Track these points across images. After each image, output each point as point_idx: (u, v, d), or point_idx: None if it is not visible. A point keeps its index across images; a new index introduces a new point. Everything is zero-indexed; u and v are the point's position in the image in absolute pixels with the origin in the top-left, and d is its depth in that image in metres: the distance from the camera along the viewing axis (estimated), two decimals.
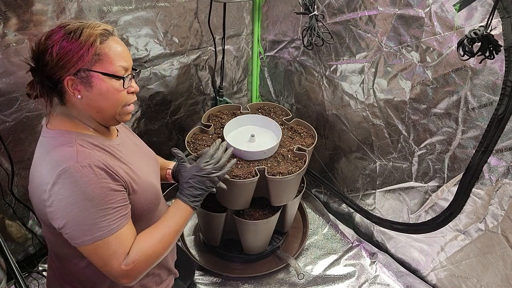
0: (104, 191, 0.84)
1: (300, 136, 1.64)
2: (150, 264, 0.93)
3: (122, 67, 0.90)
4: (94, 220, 0.83)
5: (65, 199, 0.81)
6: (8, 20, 1.23)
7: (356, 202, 1.89)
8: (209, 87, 2.07)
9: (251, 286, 1.71)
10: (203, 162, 1.09)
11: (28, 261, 1.70)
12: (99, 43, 0.86)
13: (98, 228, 0.83)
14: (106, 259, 0.86)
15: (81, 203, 0.81)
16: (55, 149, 0.87)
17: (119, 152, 0.97)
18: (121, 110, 0.94)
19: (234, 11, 1.92)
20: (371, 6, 1.42)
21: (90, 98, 0.89)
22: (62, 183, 0.81)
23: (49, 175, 0.82)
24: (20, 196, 1.52)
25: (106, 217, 0.84)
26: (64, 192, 0.81)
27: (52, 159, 0.85)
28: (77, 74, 0.85)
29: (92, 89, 0.88)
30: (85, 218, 0.82)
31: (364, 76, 1.58)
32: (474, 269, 1.44)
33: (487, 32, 1.00)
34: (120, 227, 0.87)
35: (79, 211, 0.82)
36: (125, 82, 0.91)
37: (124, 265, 0.87)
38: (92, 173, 0.83)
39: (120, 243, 0.87)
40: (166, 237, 0.96)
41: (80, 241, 0.84)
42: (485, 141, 1.22)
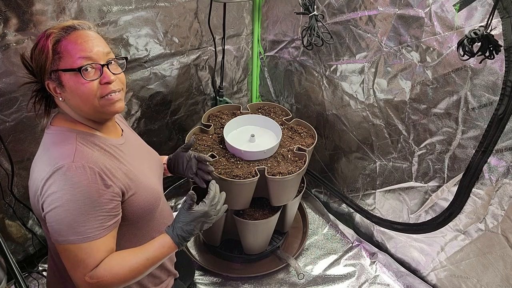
0: (92, 196, 0.83)
1: (300, 136, 1.64)
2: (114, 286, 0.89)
3: (82, 58, 0.85)
4: (72, 223, 0.82)
5: (52, 195, 0.81)
6: (8, 20, 1.23)
7: (356, 202, 1.89)
8: (209, 87, 2.07)
9: (251, 286, 1.71)
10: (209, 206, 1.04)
11: (28, 261, 1.70)
12: (58, 40, 0.85)
13: (73, 232, 0.82)
14: (73, 264, 0.85)
15: (65, 204, 0.81)
16: (55, 146, 0.87)
17: (121, 153, 0.96)
18: (100, 102, 0.89)
19: (234, 11, 1.92)
20: (371, 6, 1.42)
21: (67, 98, 0.88)
22: (53, 179, 0.81)
23: (45, 170, 0.83)
24: (20, 196, 1.52)
25: (86, 224, 0.83)
26: (53, 188, 0.81)
27: (51, 156, 0.85)
28: (50, 77, 0.87)
29: (65, 89, 0.87)
30: (65, 218, 0.82)
31: (364, 76, 1.58)
32: (474, 269, 1.44)
33: (487, 32, 1.00)
34: (96, 237, 0.84)
35: (62, 210, 0.81)
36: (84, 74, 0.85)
37: (88, 277, 0.85)
38: (84, 175, 0.82)
39: (90, 254, 0.85)
40: (141, 267, 0.92)
41: (54, 238, 0.84)
42: (485, 141, 1.22)
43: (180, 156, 1.29)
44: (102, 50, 0.89)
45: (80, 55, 0.85)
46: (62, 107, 0.93)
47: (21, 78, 1.32)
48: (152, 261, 0.94)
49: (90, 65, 0.86)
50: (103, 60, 0.88)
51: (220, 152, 1.52)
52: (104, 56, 0.89)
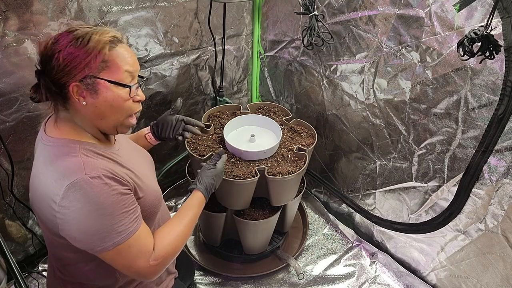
0: (117, 199, 0.84)
1: (300, 136, 1.64)
2: (175, 255, 0.98)
3: (128, 73, 0.88)
4: (111, 227, 0.83)
5: (78, 211, 0.80)
6: (8, 20, 1.23)
7: (356, 202, 1.89)
8: (209, 87, 2.07)
9: (251, 286, 1.71)
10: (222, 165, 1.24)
11: (28, 261, 1.70)
12: (108, 50, 0.85)
13: (117, 233, 0.84)
14: (131, 260, 0.87)
15: (95, 213, 0.81)
16: (59, 159, 0.85)
17: (121, 158, 0.96)
18: (124, 120, 0.93)
19: (234, 11, 1.92)
20: (371, 6, 1.42)
21: (95, 105, 0.87)
22: (73, 196, 0.80)
23: (56, 187, 0.81)
24: (20, 196, 1.52)
25: (123, 222, 0.85)
26: (76, 205, 0.80)
27: (58, 170, 0.83)
28: (83, 80, 0.84)
29: (98, 96, 0.86)
30: (102, 226, 0.82)
31: (364, 76, 1.58)
32: (474, 269, 1.44)
33: (487, 32, 1.00)
34: (137, 228, 0.88)
35: (95, 221, 0.81)
36: (132, 91, 0.89)
37: (152, 261, 0.90)
38: (103, 183, 0.83)
39: (142, 242, 0.89)
40: (188, 228, 1.02)
41: (101, 248, 0.83)
42: (485, 141, 1.22)
43: (167, 119, 1.34)
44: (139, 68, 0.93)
45: (126, 69, 0.88)
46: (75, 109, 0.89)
47: (21, 78, 1.33)
48: (194, 220, 1.06)
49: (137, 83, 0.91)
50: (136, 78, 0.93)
51: None
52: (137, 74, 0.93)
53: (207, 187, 1.14)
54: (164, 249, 0.93)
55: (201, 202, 1.11)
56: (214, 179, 1.18)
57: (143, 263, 0.89)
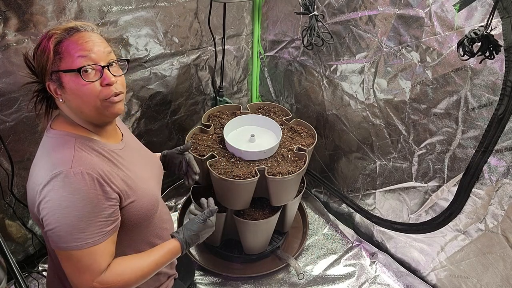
0: (91, 202, 0.83)
1: (300, 136, 1.64)
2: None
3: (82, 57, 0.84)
4: (72, 229, 0.81)
5: (52, 201, 0.81)
6: (8, 20, 1.23)
7: (356, 202, 1.89)
8: (209, 87, 2.07)
9: (251, 286, 1.71)
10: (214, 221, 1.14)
11: (28, 261, 1.70)
12: (60, 41, 0.84)
13: (74, 239, 0.82)
14: (78, 271, 0.85)
15: (65, 210, 0.81)
16: (53, 150, 0.87)
17: (120, 158, 0.96)
18: (102, 104, 0.88)
19: (234, 11, 1.92)
20: (371, 6, 1.42)
21: (68, 99, 0.87)
22: (52, 185, 0.81)
23: (42, 175, 0.83)
24: (20, 196, 1.52)
25: (85, 230, 0.82)
26: (52, 195, 0.81)
27: (49, 161, 0.85)
28: (51, 78, 0.86)
29: (65, 90, 0.86)
30: (65, 225, 0.81)
31: (364, 76, 1.58)
32: (474, 269, 1.44)
33: (487, 32, 1.00)
34: (96, 242, 0.84)
35: (61, 217, 0.81)
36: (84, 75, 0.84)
37: (97, 283, 0.85)
38: (83, 181, 0.82)
39: (94, 259, 0.85)
40: (150, 271, 0.95)
41: (55, 245, 0.83)
42: (485, 141, 1.22)
43: (174, 156, 1.31)
44: (102, 50, 0.87)
45: (79, 54, 0.84)
46: (62, 108, 0.92)
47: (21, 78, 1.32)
48: (160, 265, 0.98)
49: (91, 66, 0.85)
50: (104, 61, 0.87)
51: (220, 152, 1.52)
52: (105, 56, 0.88)
53: (187, 241, 1.04)
54: (114, 277, 0.88)
55: (175, 251, 1.02)
56: (199, 236, 1.08)
57: (87, 280, 0.85)
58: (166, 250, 1.00)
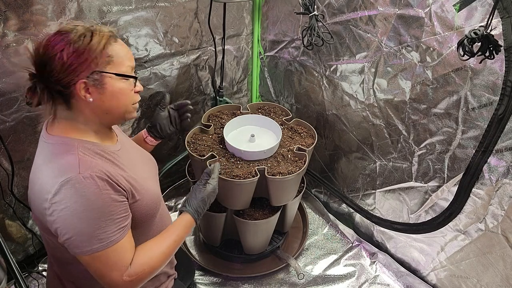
0: (106, 203, 0.84)
1: (300, 136, 1.64)
2: (152, 275, 0.96)
3: (130, 67, 0.93)
4: (94, 232, 0.83)
5: (66, 209, 0.81)
6: (8, 20, 1.23)
7: (356, 202, 1.89)
8: (209, 87, 2.07)
9: (251, 286, 1.71)
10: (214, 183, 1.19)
11: (28, 261, 1.70)
12: (109, 44, 0.88)
13: (98, 240, 0.83)
14: (105, 270, 0.86)
15: (82, 214, 0.81)
16: (57, 157, 0.86)
17: (120, 159, 0.96)
18: (129, 108, 0.97)
19: (234, 11, 1.92)
20: (371, 6, 1.42)
21: (102, 100, 0.89)
22: (64, 193, 0.80)
23: (50, 184, 0.82)
24: (20, 196, 1.52)
25: (106, 229, 0.84)
26: (65, 203, 0.81)
27: (54, 167, 0.84)
28: (89, 77, 0.85)
29: (104, 91, 0.88)
30: (85, 229, 0.82)
31: (364, 76, 1.58)
32: (474, 269, 1.44)
33: (487, 32, 1.00)
34: (119, 239, 0.87)
35: (79, 222, 0.81)
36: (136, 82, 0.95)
37: (126, 276, 0.88)
38: (95, 185, 0.83)
39: (120, 255, 0.87)
40: (170, 249, 1.00)
41: (79, 251, 0.84)
42: (485, 141, 1.22)
43: (160, 116, 1.31)
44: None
45: (128, 64, 0.92)
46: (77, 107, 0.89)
47: (21, 78, 1.33)
48: (179, 242, 1.03)
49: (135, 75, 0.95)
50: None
51: (220, 152, 1.52)
52: None
53: (197, 209, 1.11)
54: (141, 266, 0.91)
55: (189, 224, 1.08)
56: (204, 200, 1.14)
57: (116, 276, 0.87)
58: (181, 226, 1.06)
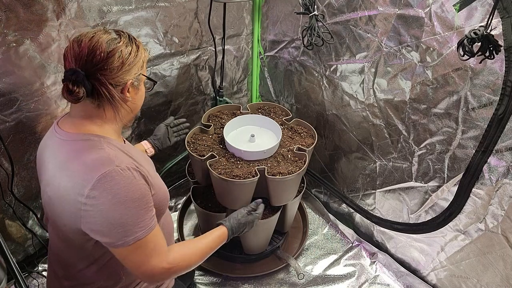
0: (143, 192, 0.87)
1: (300, 136, 1.64)
2: (185, 270, 0.98)
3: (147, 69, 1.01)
4: (135, 220, 0.85)
5: (107, 202, 0.81)
6: (8, 20, 1.23)
7: (356, 202, 1.89)
8: (209, 87, 2.07)
9: (251, 286, 1.71)
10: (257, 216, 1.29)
11: (28, 261, 1.70)
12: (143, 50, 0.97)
13: (139, 228, 0.85)
14: (145, 258, 0.89)
15: (123, 205, 0.83)
16: (84, 153, 0.86)
17: (132, 155, 0.97)
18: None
19: (234, 11, 1.92)
20: (371, 6, 1.42)
21: (135, 100, 0.96)
22: (103, 186, 0.81)
23: (85, 179, 0.82)
24: (20, 196, 1.52)
25: (145, 217, 0.87)
26: (106, 195, 0.81)
27: (86, 163, 0.84)
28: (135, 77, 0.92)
29: (138, 91, 0.97)
30: (128, 219, 0.84)
31: (364, 76, 1.58)
32: (474, 269, 1.44)
33: (487, 32, 1.00)
34: (154, 225, 0.90)
35: (122, 213, 0.83)
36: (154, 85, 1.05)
37: (165, 263, 0.91)
38: (132, 176, 0.85)
39: (157, 241, 0.91)
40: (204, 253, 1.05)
41: (121, 242, 0.84)
42: (485, 141, 1.22)
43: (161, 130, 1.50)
44: None
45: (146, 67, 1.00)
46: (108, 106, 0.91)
47: (21, 78, 1.33)
48: (211, 249, 1.08)
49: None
50: None
51: (220, 152, 1.52)
52: None
53: (233, 229, 1.17)
54: (180, 257, 0.96)
55: (223, 237, 1.13)
56: (244, 226, 1.22)
57: (157, 262, 0.90)
58: (216, 235, 1.11)
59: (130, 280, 1.04)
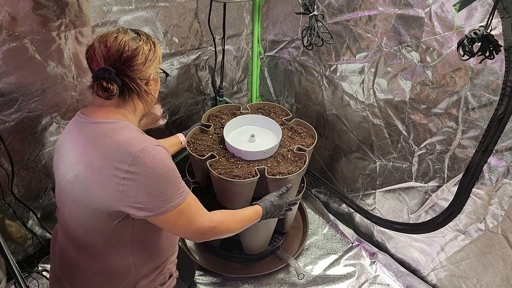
0: (173, 165, 0.96)
1: (300, 136, 1.64)
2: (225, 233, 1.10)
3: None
4: (174, 189, 0.94)
5: (148, 174, 0.89)
6: (8, 20, 1.23)
7: (356, 202, 1.89)
8: (209, 87, 2.07)
9: (251, 286, 1.71)
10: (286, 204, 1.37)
11: (28, 261, 1.70)
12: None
13: (178, 194, 0.95)
14: (191, 218, 0.99)
15: (162, 176, 0.91)
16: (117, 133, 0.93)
17: None
18: None
19: (234, 11, 1.92)
20: (371, 6, 1.42)
21: (154, 91, 1.07)
22: (143, 160, 0.89)
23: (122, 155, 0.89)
24: (20, 196, 1.52)
25: (180, 184, 0.96)
26: (147, 168, 0.89)
27: (120, 141, 0.91)
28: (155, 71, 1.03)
29: (157, 84, 1.08)
30: (167, 188, 0.92)
31: (364, 76, 1.58)
32: (474, 269, 1.44)
33: (487, 32, 1.00)
34: (189, 192, 0.99)
35: (162, 183, 0.91)
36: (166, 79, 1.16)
37: (210, 221, 1.03)
38: (163, 150, 0.95)
39: (196, 203, 1.02)
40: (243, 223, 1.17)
41: (165, 209, 0.92)
42: (485, 141, 1.22)
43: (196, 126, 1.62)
44: None
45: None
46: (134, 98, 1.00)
47: (21, 78, 1.33)
48: (248, 220, 1.20)
49: None
50: None
51: (220, 152, 1.52)
52: None
53: (267, 209, 1.27)
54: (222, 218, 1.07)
55: (257, 215, 1.23)
56: (275, 208, 1.30)
57: (202, 221, 1.01)
58: (253, 210, 1.23)
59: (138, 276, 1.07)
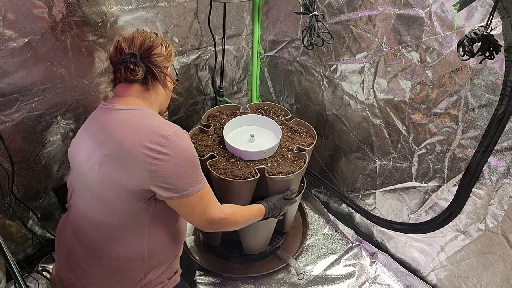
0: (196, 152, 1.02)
1: (300, 136, 1.64)
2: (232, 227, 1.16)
3: None
4: (197, 174, 1.00)
5: (178, 157, 0.95)
6: (8, 20, 1.23)
7: (356, 202, 1.89)
8: (209, 87, 2.07)
9: (251, 286, 1.71)
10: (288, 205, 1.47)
11: (28, 261, 1.70)
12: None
13: (199, 180, 1.01)
14: (206, 206, 1.05)
15: (189, 160, 0.97)
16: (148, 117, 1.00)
17: None
18: None
19: (234, 11, 1.92)
20: (371, 6, 1.42)
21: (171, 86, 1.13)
22: (174, 144, 0.95)
23: (154, 138, 0.94)
24: (20, 196, 1.52)
25: (200, 172, 1.02)
26: (177, 151, 0.95)
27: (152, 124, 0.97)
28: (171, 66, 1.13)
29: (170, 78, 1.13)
30: (192, 172, 0.98)
31: (364, 76, 1.58)
32: (474, 269, 1.44)
33: (487, 32, 1.00)
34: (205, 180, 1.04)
35: (188, 167, 0.97)
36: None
37: (221, 213, 1.08)
38: (189, 137, 1.02)
39: (211, 193, 1.07)
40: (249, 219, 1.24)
41: (188, 191, 0.98)
42: (485, 141, 1.22)
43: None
44: None
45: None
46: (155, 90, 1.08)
47: (21, 78, 1.33)
48: (252, 216, 1.27)
49: None
50: None
51: (220, 152, 1.52)
52: None
53: (269, 208, 1.34)
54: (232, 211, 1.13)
55: (261, 212, 1.30)
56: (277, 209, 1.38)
57: (215, 211, 1.06)
58: (256, 207, 1.30)
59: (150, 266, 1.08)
